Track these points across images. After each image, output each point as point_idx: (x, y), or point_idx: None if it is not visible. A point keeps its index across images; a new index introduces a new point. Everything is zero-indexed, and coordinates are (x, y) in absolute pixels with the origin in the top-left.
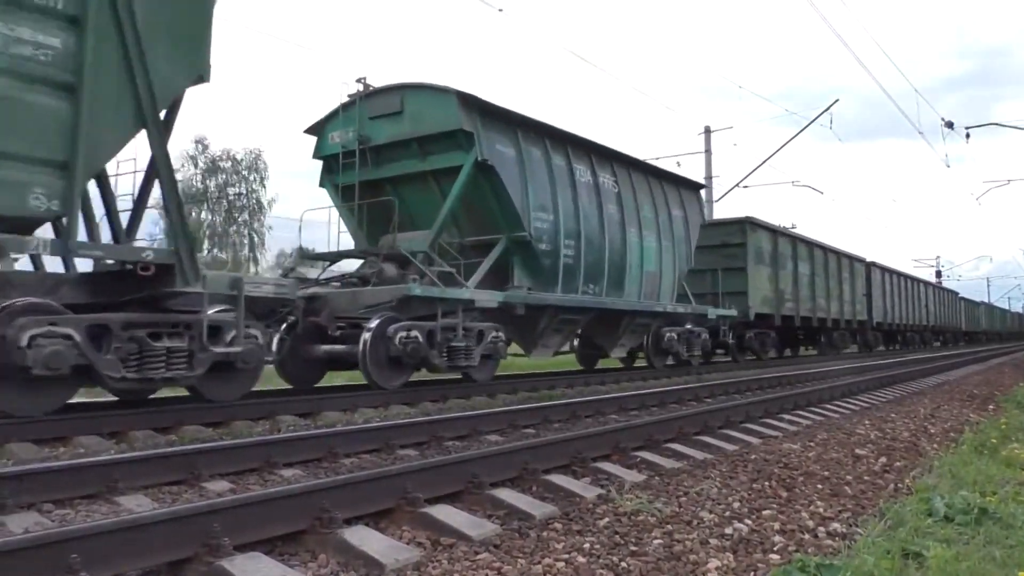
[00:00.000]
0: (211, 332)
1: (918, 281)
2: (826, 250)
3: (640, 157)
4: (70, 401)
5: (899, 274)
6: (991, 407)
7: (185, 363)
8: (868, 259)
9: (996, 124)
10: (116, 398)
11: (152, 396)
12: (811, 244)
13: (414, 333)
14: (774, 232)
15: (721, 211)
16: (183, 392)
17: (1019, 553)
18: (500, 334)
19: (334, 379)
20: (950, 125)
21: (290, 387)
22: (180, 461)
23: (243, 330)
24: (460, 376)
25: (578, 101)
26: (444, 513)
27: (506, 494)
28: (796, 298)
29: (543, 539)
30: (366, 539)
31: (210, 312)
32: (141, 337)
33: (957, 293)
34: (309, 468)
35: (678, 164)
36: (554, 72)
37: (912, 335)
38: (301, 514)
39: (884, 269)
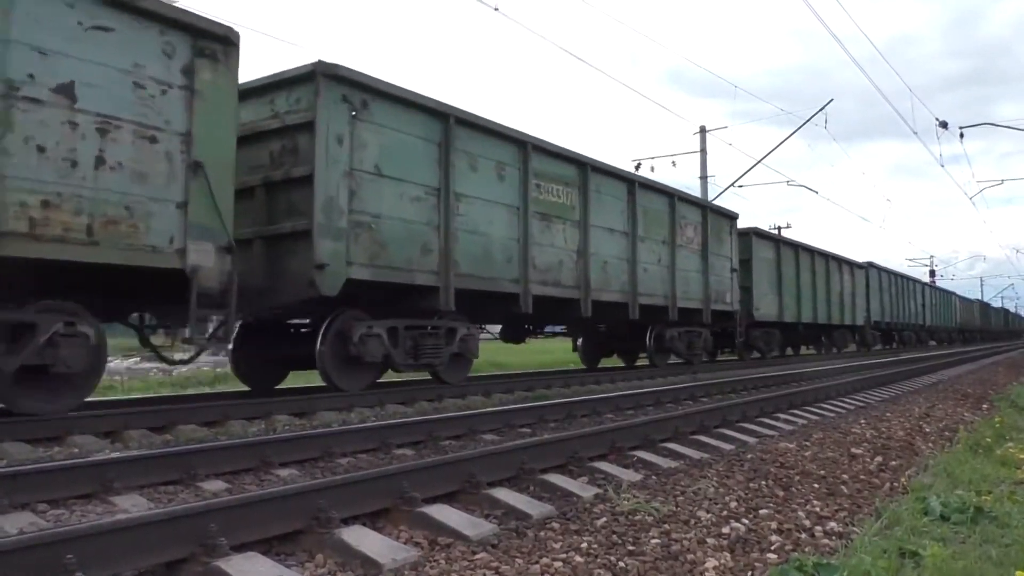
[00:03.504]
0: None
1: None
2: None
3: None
4: None
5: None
6: (985, 406)
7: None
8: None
9: (990, 124)
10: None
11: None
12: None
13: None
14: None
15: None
16: (181, 391)
17: (1015, 552)
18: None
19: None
20: (944, 125)
21: (285, 387)
22: (176, 461)
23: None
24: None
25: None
26: (441, 513)
27: (503, 494)
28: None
29: (540, 539)
30: (363, 539)
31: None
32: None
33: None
34: (305, 468)
35: (673, 164)
36: (549, 71)
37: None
38: (298, 514)
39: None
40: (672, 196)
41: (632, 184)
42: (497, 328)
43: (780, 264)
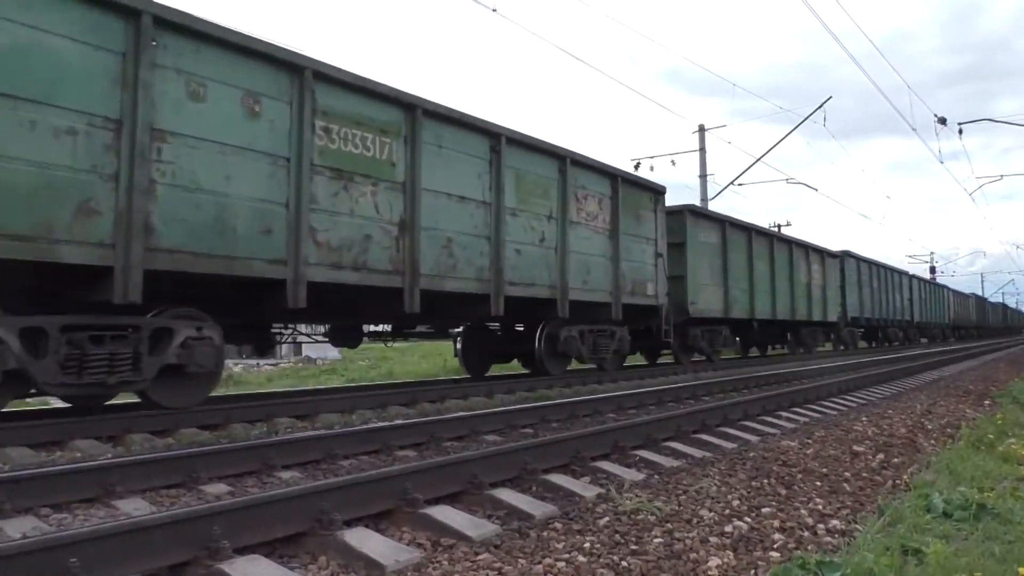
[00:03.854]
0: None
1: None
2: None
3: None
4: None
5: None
6: (987, 403)
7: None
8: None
9: (989, 120)
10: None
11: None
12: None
13: None
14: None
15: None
16: None
17: (1018, 548)
18: None
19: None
20: (943, 121)
21: (286, 389)
22: (178, 464)
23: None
24: None
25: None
26: (444, 514)
27: (506, 494)
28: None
29: (543, 539)
30: (366, 540)
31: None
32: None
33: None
34: (308, 470)
35: (672, 163)
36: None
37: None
38: (301, 516)
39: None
40: (563, 159)
41: (497, 139)
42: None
43: (727, 250)
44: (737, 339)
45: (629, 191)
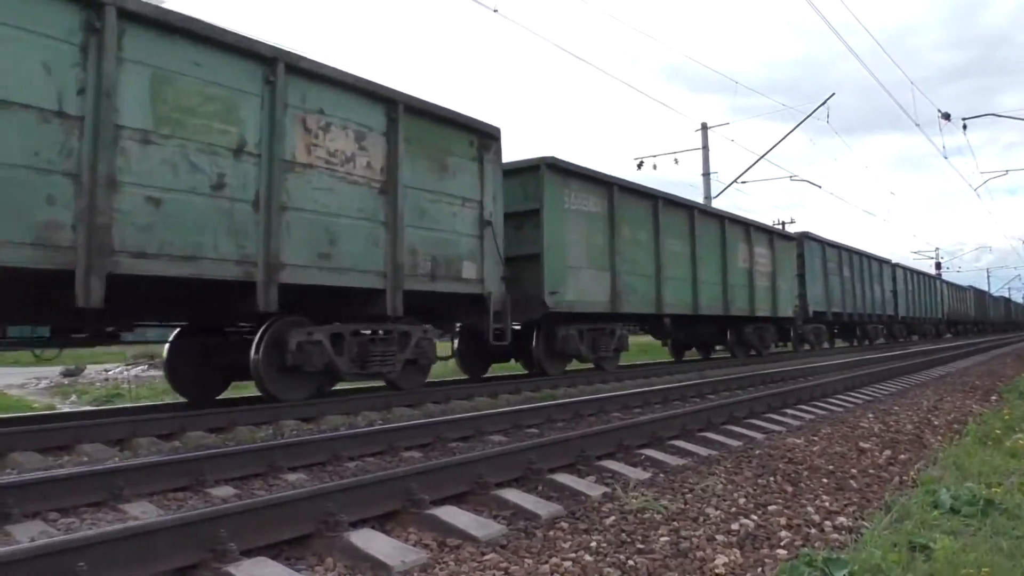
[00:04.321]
0: None
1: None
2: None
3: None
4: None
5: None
6: (994, 398)
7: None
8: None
9: (993, 115)
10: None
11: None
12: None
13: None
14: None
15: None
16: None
17: None
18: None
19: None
20: (947, 116)
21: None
22: (184, 467)
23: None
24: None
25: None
26: (450, 514)
27: (512, 494)
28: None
29: (549, 538)
30: (372, 542)
31: None
32: None
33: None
34: (314, 472)
35: (676, 161)
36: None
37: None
38: (307, 518)
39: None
40: (272, 63)
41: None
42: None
43: (615, 223)
44: (668, 341)
45: (424, 128)
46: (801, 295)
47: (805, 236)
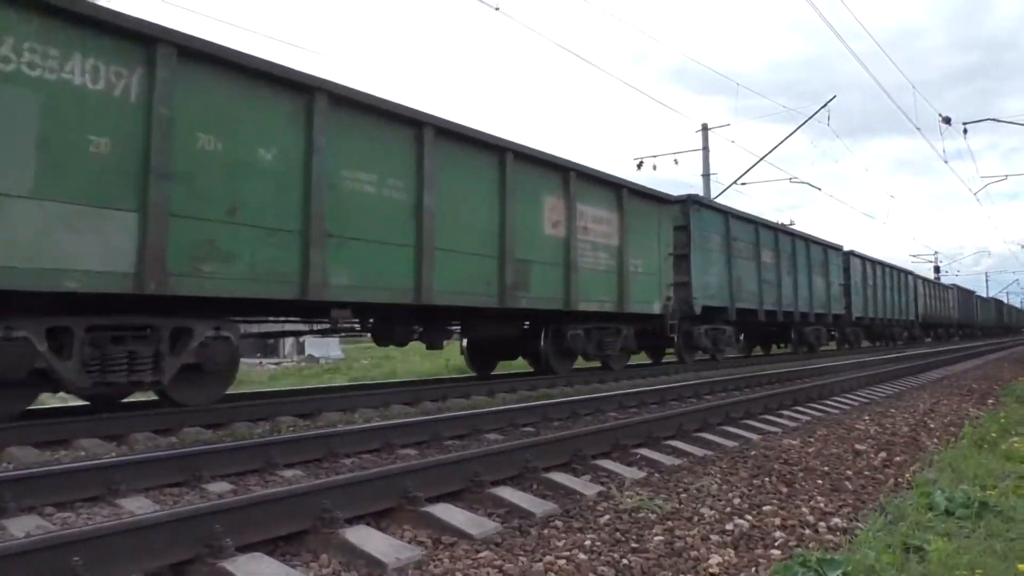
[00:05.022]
0: None
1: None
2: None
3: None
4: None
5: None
6: (990, 401)
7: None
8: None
9: (994, 120)
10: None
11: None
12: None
13: None
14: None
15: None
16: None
17: (1020, 546)
18: None
19: (333, 379)
20: (947, 121)
21: (289, 388)
22: (181, 463)
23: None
24: None
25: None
26: (445, 512)
27: (507, 492)
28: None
29: (544, 537)
30: (368, 539)
31: None
32: None
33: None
34: (310, 468)
35: (676, 162)
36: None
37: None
38: (303, 514)
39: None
40: (567, 171)
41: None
42: None
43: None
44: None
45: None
46: (682, 284)
47: (693, 201)
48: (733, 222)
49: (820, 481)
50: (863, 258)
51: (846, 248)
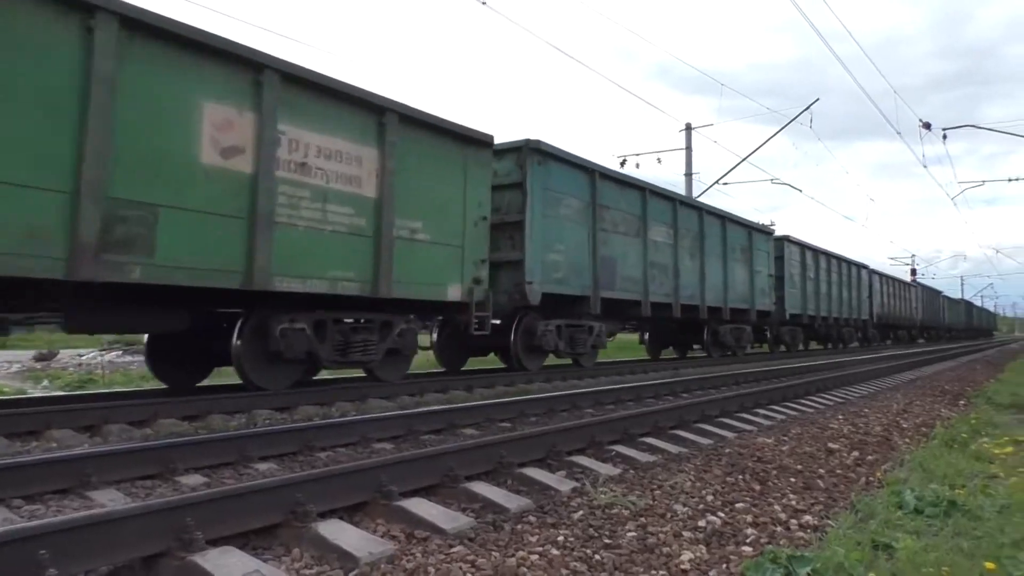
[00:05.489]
0: None
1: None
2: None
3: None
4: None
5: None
6: (962, 403)
7: None
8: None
9: (972, 126)
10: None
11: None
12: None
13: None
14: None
15: None
16: (161, 385)
17: (986, 544)
18: None
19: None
20: (928, 126)
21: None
22: (154, 455)
23: None
24: None
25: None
26: (419, 506)
27: (481, 487)
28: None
29: (517, 532)
30: (340, 533)
31: None
32: None
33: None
34: (285, 462)
35: (659, 161)
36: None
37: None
38: (275, 508)
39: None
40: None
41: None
42: None
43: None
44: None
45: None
46: (509, 263)
47: (532, 148)
48: (603, 184)
49: (793, 479)
50: (802, 246)
51: (783, 233)
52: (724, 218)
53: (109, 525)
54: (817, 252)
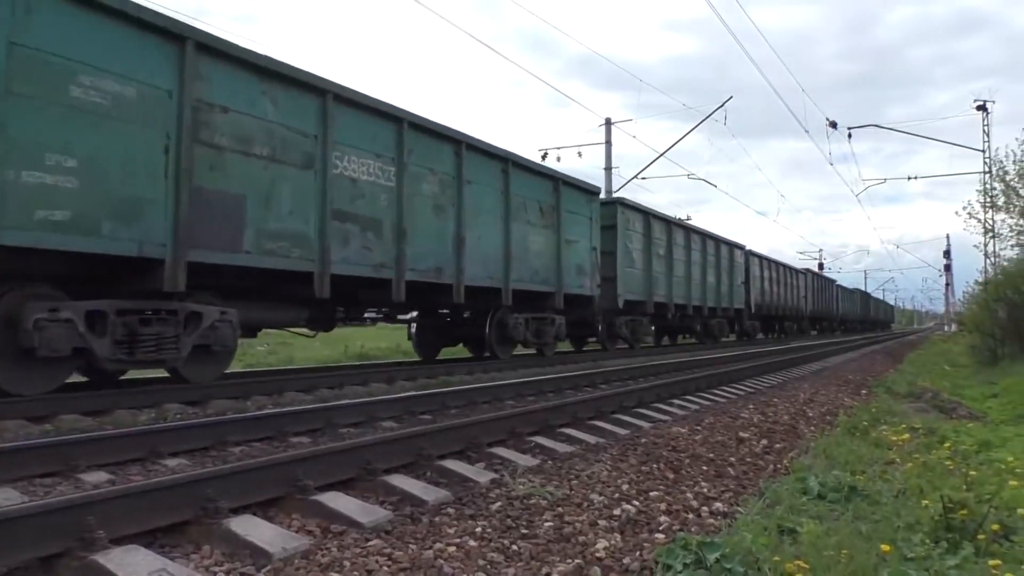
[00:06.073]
0: None
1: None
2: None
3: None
4: None
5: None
6: (864, 392)
7: None
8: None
9: (875, 126)
10: None
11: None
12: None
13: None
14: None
15: None
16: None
17: (883, 528)
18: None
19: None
20: (834, 125)
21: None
22: (54, 451)
23: None
24: None
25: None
26: (335, 500)
27: (399, 480)
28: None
29: (435, 524)
30: (253, 528)
31: None
32: None
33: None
34: (196, 457)
35: (579, 154)
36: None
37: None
38: (184, 504)
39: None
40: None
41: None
42: None
43: None
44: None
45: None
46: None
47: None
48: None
49: (705, 467)
50: (647, 213)
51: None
52: (507, 160)
53: (3, 525)
54: (671, 223)
